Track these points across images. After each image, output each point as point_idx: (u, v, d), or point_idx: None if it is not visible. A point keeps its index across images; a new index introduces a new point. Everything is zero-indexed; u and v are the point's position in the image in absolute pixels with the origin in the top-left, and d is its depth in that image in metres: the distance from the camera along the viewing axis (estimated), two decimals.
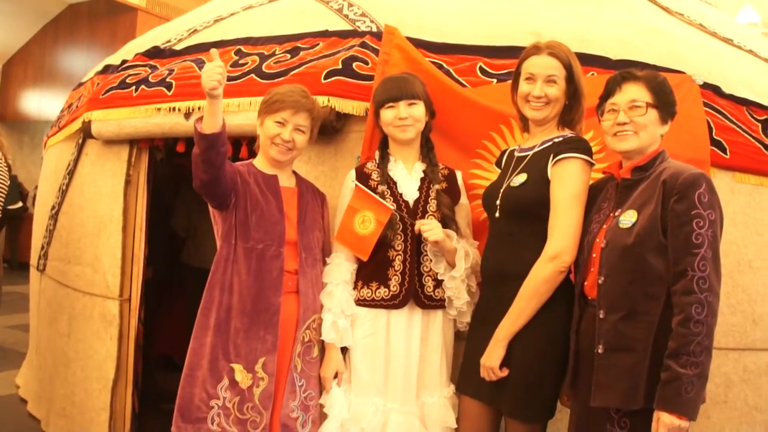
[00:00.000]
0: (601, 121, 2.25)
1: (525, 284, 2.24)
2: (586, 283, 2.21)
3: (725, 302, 2.90)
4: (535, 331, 2.25)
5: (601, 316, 2.10)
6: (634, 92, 2.16)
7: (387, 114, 2.53)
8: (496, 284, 2.38)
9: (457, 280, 2.51)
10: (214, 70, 2.16)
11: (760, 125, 3.18)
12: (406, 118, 2.51)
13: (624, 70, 2.26)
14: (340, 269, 2.54)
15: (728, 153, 3.00)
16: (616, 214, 2.15)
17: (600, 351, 2.09)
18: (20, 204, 10.53)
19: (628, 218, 2.09)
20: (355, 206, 2.46)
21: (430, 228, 2.41)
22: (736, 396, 2.97)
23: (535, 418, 2.32)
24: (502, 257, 2.36)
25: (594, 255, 2.18)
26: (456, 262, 2.49)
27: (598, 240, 2.18)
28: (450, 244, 2.47)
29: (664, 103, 2.18)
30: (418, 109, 2.53)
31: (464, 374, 2.45)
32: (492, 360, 2.26)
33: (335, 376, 2.50)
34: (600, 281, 2.12)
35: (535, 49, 2.39)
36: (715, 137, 2.98)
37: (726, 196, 2.95)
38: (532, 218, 2.31)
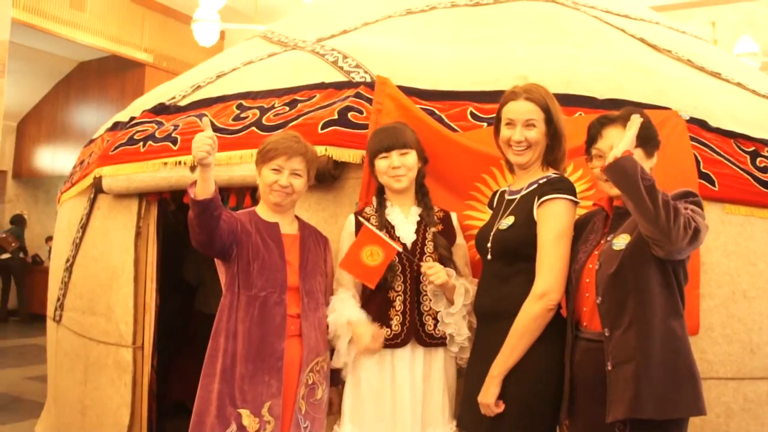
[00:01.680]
0: (590, 166, 2.34)
1: (516, 323, 2.31)
2: (584, 309, 2.27)
3: (721, 332, 2.96)
4: (528, 367, 2.30)
5: (606, 334, 2.17)
6: (614, 136, 2.24)
7: (381, 164, 2.63)
8: (489, 323, 2.45)
9: (457, 316, 2.58)
10: (204, 141, 2.23)
11: (748, 157, 3.26)
12: (399, 167, 2.60)
13: (601, 115, 2.35)
14: (345, 303, 2.61)
15: (717, 185, 3.07)
16: (609, 239, 2.23)
17: (609, 368, 2.14)
18: (8, 255, 10.74)
19: (621, 241, 2.19)
20: (362, 242, 2.52)
21: (435, 271, 2.49)
22: (738, 426, 2.99)
23: None
24: (494, 296, 2.44)
25: (587, 280, 2.25)
26: (454, 299, 2.56)
27: (590, 266, 2.26)
28: (451, 283, 2.55)
29: (645, 138, 2.24)
30: (411, 158, 2.63)
31: (464, 410, 2.50)
32: (488, 397, 2.32)
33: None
34: (598, 302, 2.19)
35: (513, 95, 2.46)
36: (703, 170, 3.06)
37: (717, 228, 3.03)
38: (521, 259, 2.39)
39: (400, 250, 2.55)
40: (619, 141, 2.19)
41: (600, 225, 2.35)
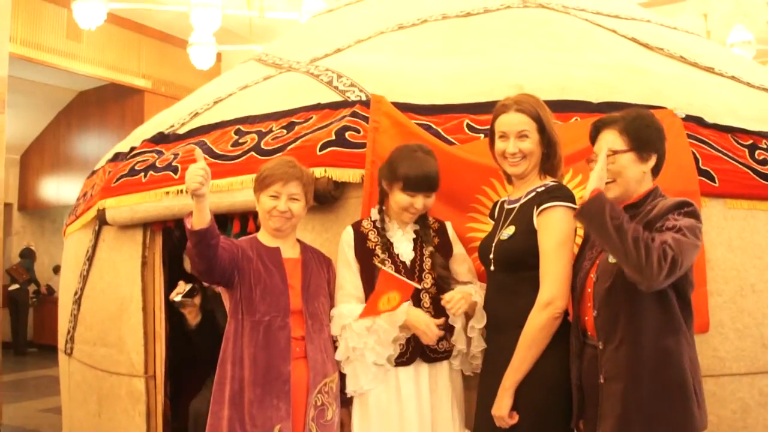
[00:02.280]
0: (590, 168, 2.31)
1: (523, 333, 2.32)
2: (586, 319, 2.28)
3: (732, 327, 2.96)
4: (539, 376, 2.32)
5: (600, 347, 2.18)
6: (608, 140, 2.26)
7: (403, 199, 2.58)
8: (497, 334, 2.47)
9: (476, 331, 2.59)
10: (196, 172, 2.26)
11: (746, 150, 3.25)
12: (420, 209, 2.61)
13: (599, 119, 2.36)
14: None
15: (717, 181, 3.07)
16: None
17: (602, 381, 2.16)
18: (17, 286, 10.84)
19: None
20: (381, 290, 2.50)
21: (453, 306, 2.48)
22: (756, 421, 2.98)
23: None
24: (499, 307, 2.46)
25: (589, 290, 2.26)
26: (471, 324, 2.58)
27: (591, 275, 2.27)
28: (475, 297, 2.56)
29: (642, 141, 2.25)
30: (432, 200, 2.63)
31: (479, 423, 2.51)
32: (501, 409, 2.33)
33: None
34: (594, 315, 2.21)
35: (503, 107, 2.48)
36: (702, 167, 3.06)
37: (720, 223, 3.03)
38: (524, 268, 2.40)
39: (419, 287, 2.56)
40: (610, 145, 2.21)
41: None
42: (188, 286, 3.00)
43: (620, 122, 2.28)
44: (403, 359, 2.57)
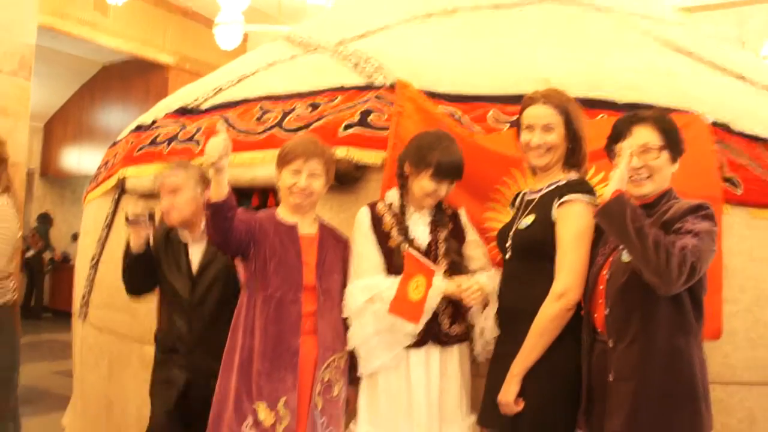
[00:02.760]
0: (613, 164, 2.30)
1: (535, 322, 2.33)
2: (596, 316, 2.28)
3: (745, 336, 2.93)
4: (547, 366, 2.33)
5: (610, 345, 2.18)
6: (645, 135, 2.22)
7: (428, 185, 2.56)
8: (509, 322, 2.47)
9: (490, 318, 2.58)
10: (217, 145, 2.28)
11: None
12: (442, 196, 2.62)
13: (631, 113, 2.33)
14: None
15: (741, 189, 3.03)
16: (621, 248, 2.21)
17: (611, 379, 2.16)
18: (32, 253, 10.93)
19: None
20: (410, 272, 2.50)
21: (471, 294, 2.49)
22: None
23: None
24: (513, 296, 2.46)
25: (601, 287, 2.26)
26: (486, 311, 2.58)
27: (604, 272, 2.26)
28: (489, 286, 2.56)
29: (673, 143, 2.24)
30: (453, 186, 2.64)
31: (485, 408, 2.52)
32: (508, 395, 2.34)
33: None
34: (606, 313, 2.21)
35: (531, 100, 2.49)
36: (726, 174, 3.03)
37: (742, 232, 3.00)
38: (540, 258, 2.40)
39: (439, 271, 2.54)
40: (649, 140, 2.19)
41: None
42: (148, 212, 2.98)
43: (655, 120, 2.25)
44: (414, 341, 2.56)
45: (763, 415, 2.95)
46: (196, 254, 2.98)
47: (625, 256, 2.16)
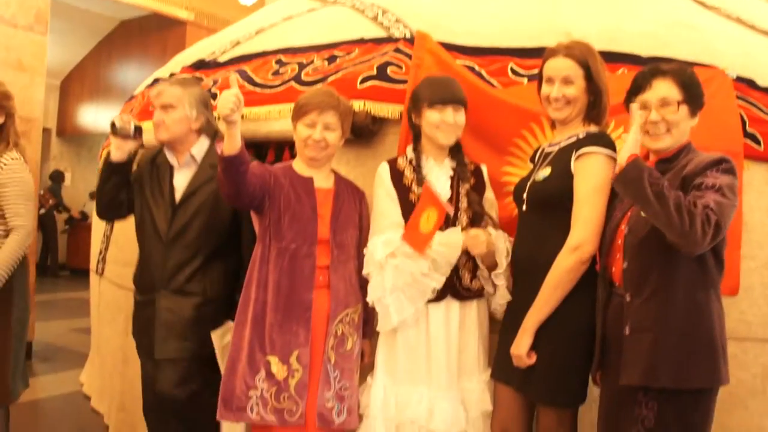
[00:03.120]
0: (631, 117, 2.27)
1: (549, 275, 2.32)
2: (613, 269, 2.27)
3: (762, 293, 2.92)
4: (560, 319, 2.33)
5: (627, 299, 2.17)
6: (665, 89, 2.19)
7: (433, 116, 2.58)
8: (524, 275, 2.47)
9: (501, 277, 2.59)
10: (229, 99, 2.26)
11: None
12: (452, 123, 2.59)
13: (652, 65, 2.29)
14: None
15: (762, 145, 2.99)
16: None
17: (627, 333, 2.16)
18: (44, 211, 10.95)
19: None
20: (424, 204, 2.51)
21: (475, 243, 2.48)
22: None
23: (565, 404, 2.40)
24: (529, 249, 2.45)
25: (619, 241, 2.24)
26: (498, 260, 2.56)
27: (622, 227, 2.24)
28: (496, 243, 2.54)
29: (693, 97, 2.21)
30: (462, 116, 2.61)
31: (498, 362, 2.54)
32: (520, 348, 2.35)
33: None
34: (624, 266, 2.19)
35: (553, 52, 2.46)
36: (748, 130, 2.99)
37: (762, 188, 2.97)
38: (556, 210, 2.38)
39: (449, 211, 2.55)
40: (668, 94, 2.16)
41: None
42: (134, 124, 2.83)
43: (675, 73, 2.21)
44: (434, 296, 2.57)
45: None
46: (181, 181, 2.87)
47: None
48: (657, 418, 2.09)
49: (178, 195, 2.84)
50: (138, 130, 2.84)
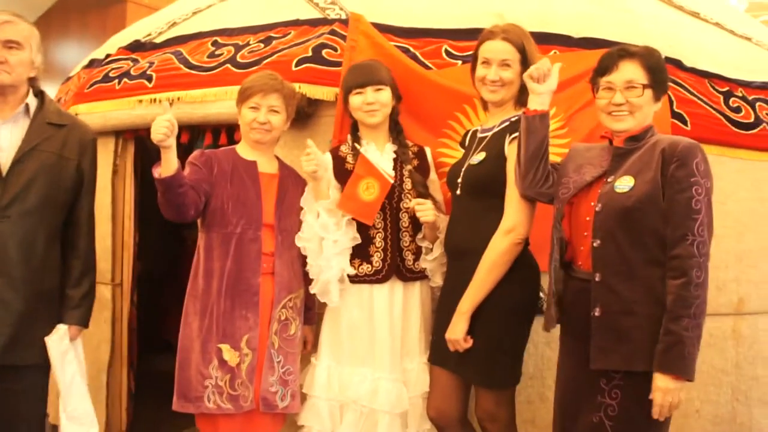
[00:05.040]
0: (596, 97, 2.27)
1: (484, 258, 2.35)
2: (581, 249, 2.22)
3: None
4: (494, 301, 2.36)
5: (597, 279, 2.13)
6: (631, 72, 2.17)
7: (355, 99, 2.64)
8: (457, 259, 2.51)
9: (435, 263, 2.65)
10: (161, 124, 2.26)
11: (721, 97, 3.27)
12: (373, 103, 2.62)
13: (620, 47, 2.25)
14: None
15: (689, 125, 3.08)
16: (609, 180, 2.18)
17: (597, 314, 2.12)
18: None
19: (624, 183, 2.13)
20: (360, 173, 2.55)
21: (424, 209, 2.52)
22: (702, 360, 3.03)
23: (502, 385, 2.44)
24: (463, 233, 2.48)
25: (587, 218, 2.19)
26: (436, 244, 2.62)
27: (591, 204, 2.19)
28: (439, 222, 2.59)
29: (659, 82, 2.20)
30: (385, 95, 2.65)
31: (433, 345, 2.58)
32: (456, 332, 2.37)
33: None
34: (595, 244, 2.15)
35: (490, 34, 2.48)
36: (676, 110, 3.07)
37: None
38: (490, 195, 2.42)
39: (393, 182, 2.59)
40: (634, 77, 2.16)
41: (598, 159, 2.27)
42: None
43: (643, 57, 2.19)
44: (378, 276, 2.61)
45: (704, 344, 2.95)
46: (5, 139, 2.36)
47: (619, 187, 2.13)
48: (620, 406, 2.09)
49: (7, 161, 2.34)
50: None
